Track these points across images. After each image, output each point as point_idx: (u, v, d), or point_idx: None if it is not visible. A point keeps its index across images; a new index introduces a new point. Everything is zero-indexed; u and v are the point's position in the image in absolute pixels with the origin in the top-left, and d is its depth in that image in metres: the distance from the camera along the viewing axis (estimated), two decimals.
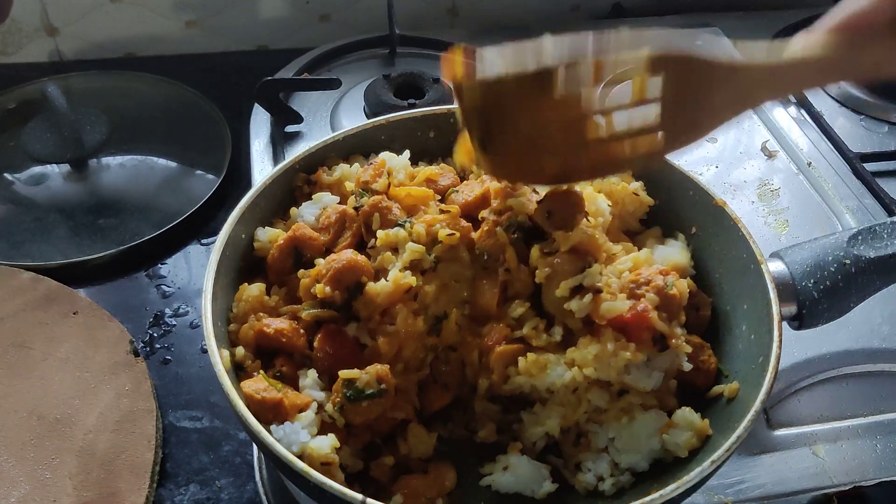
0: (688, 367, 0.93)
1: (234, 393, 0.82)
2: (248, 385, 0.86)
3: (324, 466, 0.81)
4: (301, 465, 0.77)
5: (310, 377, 0.90)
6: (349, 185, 1.05)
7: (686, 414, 0.91)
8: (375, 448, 0.91)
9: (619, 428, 0.90)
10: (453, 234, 0.94)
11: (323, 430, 0.86)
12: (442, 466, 0.92)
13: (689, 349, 0.93)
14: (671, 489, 0.77)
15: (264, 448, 0.80)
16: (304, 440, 0.83)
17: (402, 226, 0.96)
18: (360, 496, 0.74)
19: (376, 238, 0.96)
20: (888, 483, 1.06)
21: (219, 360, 0.85)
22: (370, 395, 0.86)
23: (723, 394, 0.93)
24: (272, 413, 0.85)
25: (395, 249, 0.96)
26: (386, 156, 1.08)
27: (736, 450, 0.81)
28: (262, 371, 0.90)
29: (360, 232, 1.00)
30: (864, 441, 1.09)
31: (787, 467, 1.06)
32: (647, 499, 0.76)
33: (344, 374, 0.87)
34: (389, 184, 1.03)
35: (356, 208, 1.01)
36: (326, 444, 0.83)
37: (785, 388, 1.14)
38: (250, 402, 0.84)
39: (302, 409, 0.86)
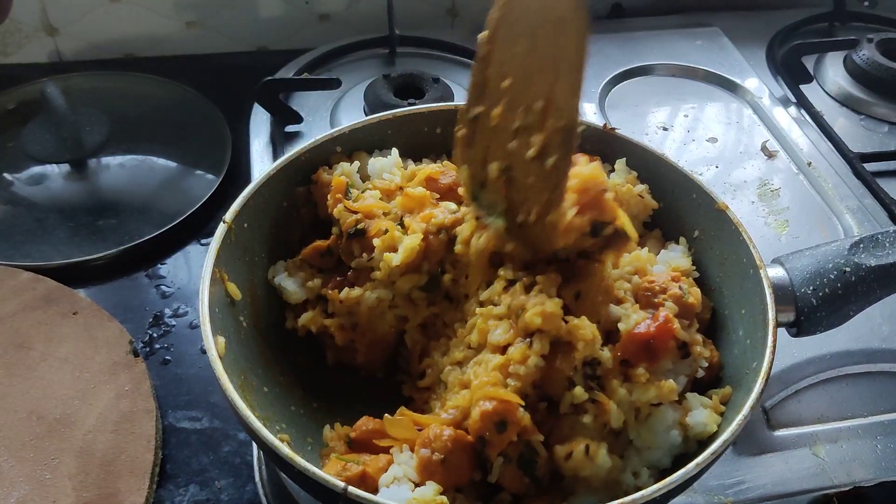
0: (702, 373, 0.93)
1: (226, 379, 0.82)
2: (331, 469, 0.84)
3: None
4: (286, 451, 0.77)
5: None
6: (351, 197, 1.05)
7: (693, 397, 0.91)
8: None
9: (636, 427, 0.89)
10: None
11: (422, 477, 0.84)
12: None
13: (707, 353, 0.93)
14: (652, 490, 0.77)
15: (257, 438, 0.80)
16: (408, 496, 0.81)
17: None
18: (342, 483, 0.75)
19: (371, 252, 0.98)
20: (888, 483, 1.06)
21: (213, 345, 0.85)
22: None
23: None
24: (362, 485, 0.82)
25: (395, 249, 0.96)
26: (374, 159, 1.08)
27: (726, 452, 0.81)
28: (334, 455, 0.89)
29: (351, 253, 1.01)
30: (864, 441, 1.09)
31: (788, 468, 1.06)
32: (629, 498, 0.75)
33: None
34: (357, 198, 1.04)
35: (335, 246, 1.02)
36: (430, 492, 0.81)
37: (785, 389, 1.14)
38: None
39: (384, 469, 0.85)
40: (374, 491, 0.83)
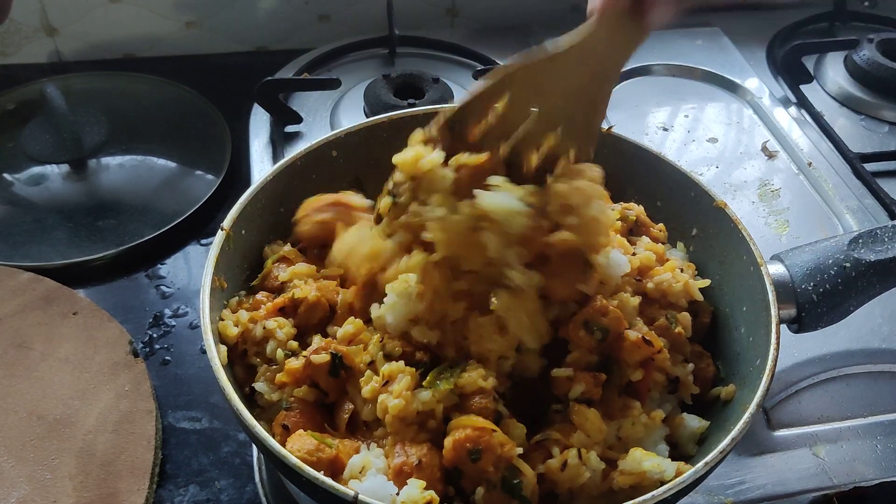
0: (689, 400, 0.93)
1: (231, 389, 0.82)
2: (295, 446, 0.81)
3: None
4: (294, 460, 0.77)
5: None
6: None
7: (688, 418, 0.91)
8: None
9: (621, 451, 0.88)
10: None
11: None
12: None
13: (696, 390, 0.92)
14: (664, 490, 0.77)
15: (262, 446, 0.80)
16: (390, 492, 0.78)
17: None
18: (352, 492, 0.74)
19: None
20: (888, 483, 1.06)
21: (216, 355, 0.84)
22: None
23: (720, 396, 0.93)
24: (330, 470, 0.81)
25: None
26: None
27: (731, 451, 0.81)
28: (306, 432, 0.85)
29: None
30: (864, 441, 1.09)
31: (788, 468, 1.06)
32: (640, 499, 0.75)
33: None
34: None
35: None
36: (415, 490, 0.78)
37: (785, 389, 1.14)
38: (307, 462, 0.79)
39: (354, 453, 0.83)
40: (340, 472, 0.81)
